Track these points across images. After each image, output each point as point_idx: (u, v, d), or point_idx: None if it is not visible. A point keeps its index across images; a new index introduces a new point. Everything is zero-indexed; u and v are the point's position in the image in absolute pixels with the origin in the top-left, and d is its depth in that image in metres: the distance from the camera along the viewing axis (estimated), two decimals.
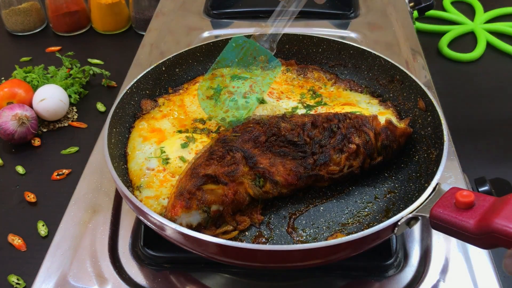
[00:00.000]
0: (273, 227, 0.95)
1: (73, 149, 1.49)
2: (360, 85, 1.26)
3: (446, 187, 0.84)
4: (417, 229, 1.04)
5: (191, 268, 0.98)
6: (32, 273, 0.99)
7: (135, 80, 1.16)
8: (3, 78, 1.76)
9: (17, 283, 1.13)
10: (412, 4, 1.79)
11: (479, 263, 0.97)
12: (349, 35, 1.64)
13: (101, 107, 1.65)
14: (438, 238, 1.01)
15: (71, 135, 1.55)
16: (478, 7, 2.15)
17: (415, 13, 1.81)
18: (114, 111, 1.07)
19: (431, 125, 1.05)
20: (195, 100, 1.19)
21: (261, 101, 1.14)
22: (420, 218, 0.82)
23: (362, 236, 0.79)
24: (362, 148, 1.00)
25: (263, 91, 1.14)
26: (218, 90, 1.15)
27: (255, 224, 0.94)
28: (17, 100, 1.53)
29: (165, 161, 1.02)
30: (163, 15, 1.76)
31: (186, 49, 1.27)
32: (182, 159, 1.01)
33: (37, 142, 1.51)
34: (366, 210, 0.97)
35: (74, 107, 1.64)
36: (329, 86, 1.26)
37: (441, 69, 1.86)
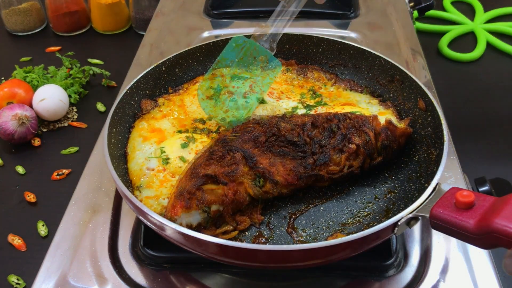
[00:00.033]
0: (273, 227, 0.95)
1: (73, 149, 1.49)
2: (360, 85, 1.26)
3: (446, 187, 0.84)
4: (417, 229, 1.04)
5: (191, 268, 0.98)
6: (32, 273, 0.99)
7: (135, 80, 1.16)
8: (3, 78, 1.76)
9: (17, 283, 1.13)
10: (412, 4, 1.79)
11: (479, 263, 0.97)
12: (349, 35, 1.64)
13: (101, 107, 1.65)
14: (438, 238, 1.01)
15: (71, 135, 1.55)
16: (478, 7, 2.15)
17: (415, 13, 1.81)
18: (114, 111, 1.07)
19: (431, 125, 1.05)
20: (195, 100, 1.19)
21: (261, 101, 1.14)
22: (420, 218, 0.82)
23: (362, 236, 0.79)
24: (362, 148, 1.00)
25: (263, 91, 1.14)
26: (218, 90, 1.15)
27: (255, 224, 0.94)
28: (17, 100, 1.53)
29: (165, 161, 1.02)
30: (163, 15, 1.76)
31: (186, 49, 1.27)
32: (182, 159, 1.01)
33: (37, 142, 1.51)
34: (366, 210, 0.97)
35: (74, 107, 1.64)
36: (329, 86, 1.26)
37: (441, 69, 1.86)
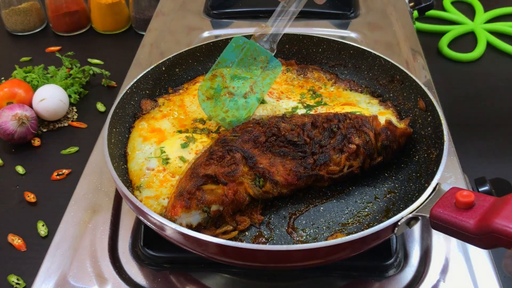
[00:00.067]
0: (273, 227, 0.95)
1: (73, 149, 1.49)
2: (360, 85, 1.26)
3: (446, 187, 0.84)
4: (417, 229, 1.03)
5: (191, 268, 0.98)
6: (32, 273, 0.99)
7: (135, 80, 1.16)
8: (3, 78, 1.76)
9: (17, 283, 1.13)
10: (412, 4, 1.79)
11: (479, 263, 0.96)
12: (349, 35, 1.64)
13: (101, 107, 1.65)
14: (438, 238, 1.01)
15: (71, 135, 1.55)
16: (478, 7, 2.15)
17: (415, 13, 1.81)
18: (114, 111, 1.07)
19: (431, 125, 1.05)
20: (195, 100, 1.19)
21: (261, 101, 1.14)
22: (420, 218, 0.82)
23: (362, 236, 0.79)
24: (362, 148, 1.00)
25: (263, 91, 1.14)
26: (219, 91, 1.15)
27: (255, 224, 0.94)
28: (17, 100, 1.53)
29: (165, 161, 1.02)
30: (163, 15, 1.76)
31: (186, 49, 1.27)
32: (182, 159, 1.01)
33: (37, 142, 1.51)
34: (366, 210, 0.97)
35: (74, 107, 1.64)
36: (329, 86, 1.26)
37: (441, 69, 1.86)
